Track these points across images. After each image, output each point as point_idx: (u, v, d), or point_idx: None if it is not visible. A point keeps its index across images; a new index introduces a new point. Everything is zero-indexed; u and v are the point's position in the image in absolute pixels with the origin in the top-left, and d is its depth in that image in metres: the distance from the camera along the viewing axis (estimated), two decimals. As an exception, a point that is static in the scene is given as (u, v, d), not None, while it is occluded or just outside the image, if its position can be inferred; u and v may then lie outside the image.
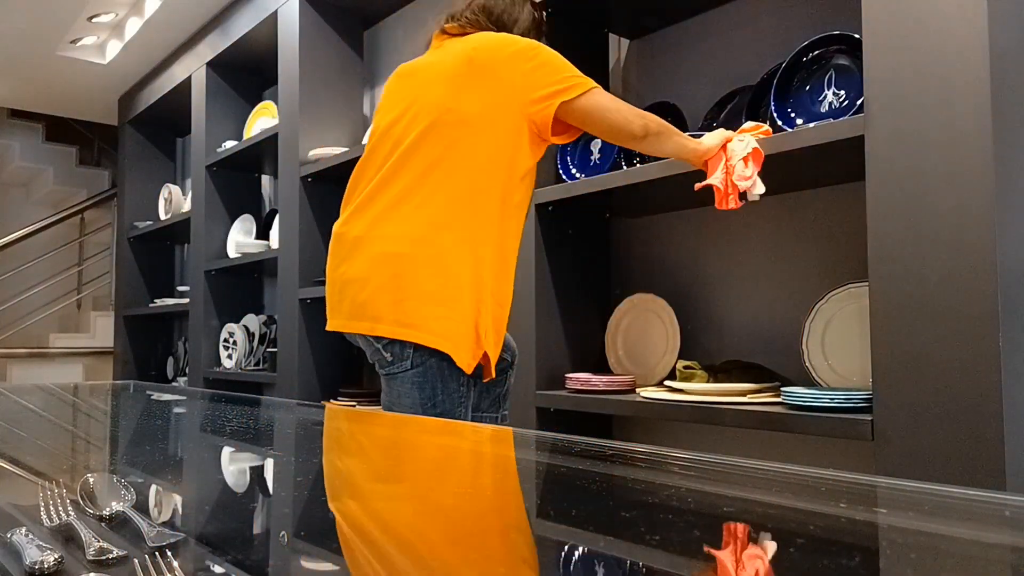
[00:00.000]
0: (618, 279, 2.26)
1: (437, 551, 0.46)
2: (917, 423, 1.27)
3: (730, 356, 1.99)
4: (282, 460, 0.81)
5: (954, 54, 1.26)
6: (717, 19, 2.08)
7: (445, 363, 1.44)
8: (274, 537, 0.49)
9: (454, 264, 1.43)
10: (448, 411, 1.48)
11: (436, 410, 1.46)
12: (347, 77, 3.21)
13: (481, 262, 1.45)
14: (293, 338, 3.02)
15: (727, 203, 1.52)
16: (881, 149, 1.34)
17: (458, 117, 1.44)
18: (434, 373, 1.44)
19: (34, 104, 5.01)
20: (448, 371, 1.45)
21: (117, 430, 1.12)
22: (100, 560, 0.43)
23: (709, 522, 0.51)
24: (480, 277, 1.45)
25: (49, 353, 5.18)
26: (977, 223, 1.22)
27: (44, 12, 3.64)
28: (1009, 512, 0.53)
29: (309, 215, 3.06)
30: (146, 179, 4.73)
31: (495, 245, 1.48)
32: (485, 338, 1.46)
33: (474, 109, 1.44)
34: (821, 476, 0.64)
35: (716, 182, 1.52)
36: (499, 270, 1.50)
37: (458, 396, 1.47)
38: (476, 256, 1.45)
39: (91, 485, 0.63)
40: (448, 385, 1.45)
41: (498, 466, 0.79)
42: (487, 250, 1.46)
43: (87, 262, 5.87)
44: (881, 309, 1.33)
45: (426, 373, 1.44)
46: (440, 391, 1.45)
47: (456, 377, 1.46)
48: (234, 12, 3.57)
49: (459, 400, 1.48)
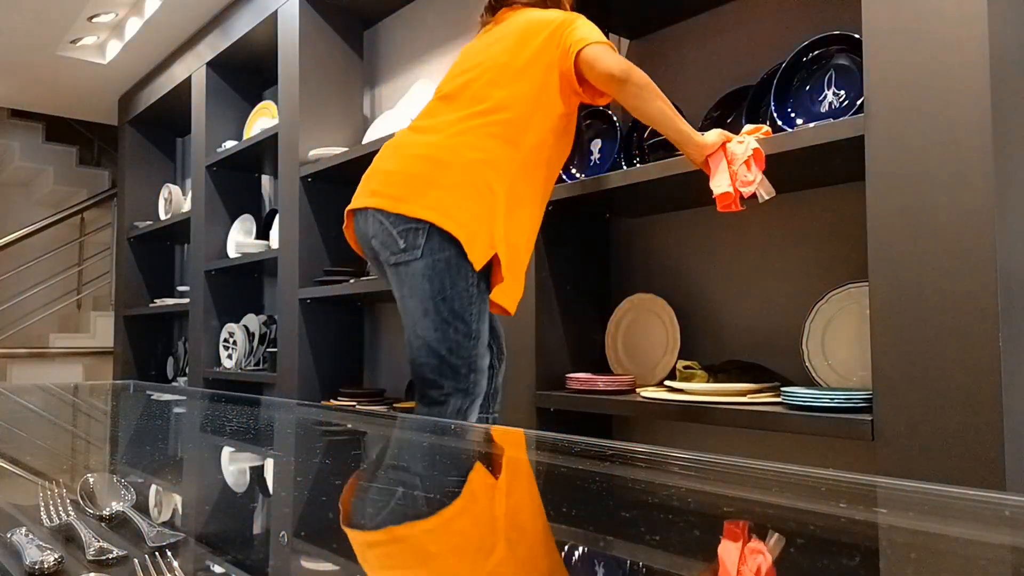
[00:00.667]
0: (618, 279, 2.26)
1: (437, 551, 0.46)
2: (917, 423, 1.27)
3: (730, 356, 1.99)
4: (282, 460, 0.81)
5: (954, 54, 1.26)
6: (717, 19, 2.08)
7: (455, 258, 1.51)
8: (274, 537, 0.49)
9: (478, 177, 1.55)
10: (460, 310, 1.53)
11: (447, 305, 1.52)
12: (347, 77, 3.21)
13: (500, 191, 1.56)
14: (293, 338, 3.02)
15: (731, 207, 1.52)
16: (881, 149, 1.34)
17: (510, 69, 1.62)
18: (443, 267, 1.51)
19: (34, 104, 5.01)
20: (458, 266, 1.51)
21: (117, 430, 1.12)
22: (100, 560, 0.43)
23: (709, 522, 0.51)
24: (495, 200, 1.55)
25: (49, 353, 5.18)
26: (977, 223, 1.22)
27: (44, 12, 3.64)
28: (1009, 512, 0.53)
29: (309, 215, 3.06)
30: (146, 179, 4.73)
31: (516, 182, 1.59)
32: (498, 241, 1.54)
33: (520, 63, 1.61)
34: (821, 476, 0.64)
35: (724, 189, 1.52)
36: (514, 206, 1.60)
37: (467, 296, 1.53)
38: (499, 182, 1.56)
39: (91, 485, 0.63)
40: (457, 282, 1.52)
41: (498, 466, 0.79)
42: (507, 183, 1.58)
43: (87, 262, 5.87)
44: (881, 309, 1.33)
45: (435, 266, 1.51)
46: (449, 286, 1.51)
47: (465, 275, 1.52)
48: (234, 12, 3.57)
49: (469, 300, 1.53)
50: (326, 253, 3.10)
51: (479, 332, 1.58)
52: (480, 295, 1.57)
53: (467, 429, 1.07)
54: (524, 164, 1.62)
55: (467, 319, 1.55)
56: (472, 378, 1.60)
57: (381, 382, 3.18)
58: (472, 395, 1.60)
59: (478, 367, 1.60)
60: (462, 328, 1.55)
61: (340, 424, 1.17)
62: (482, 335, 1.59)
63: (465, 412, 1.61)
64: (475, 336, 1.58)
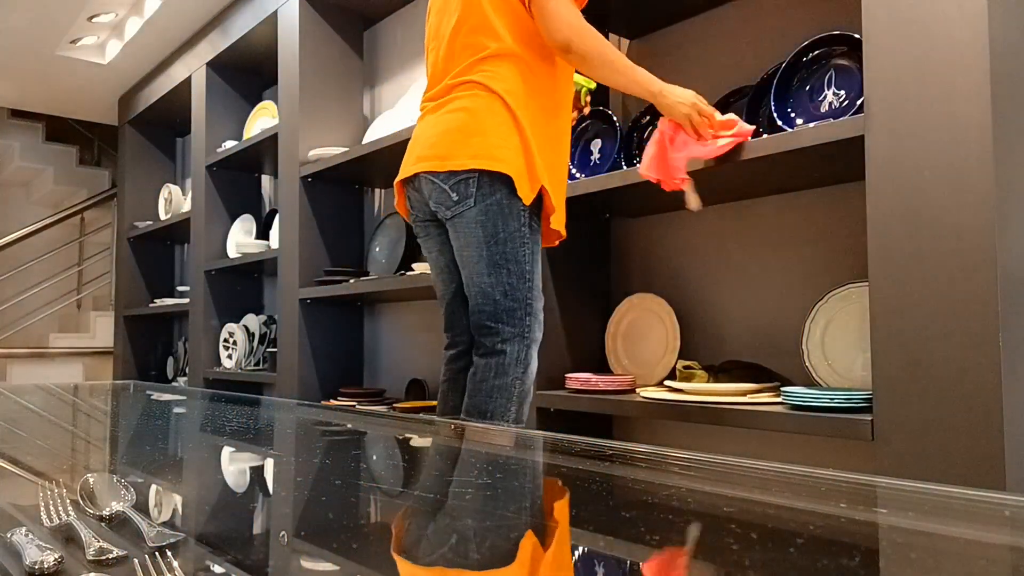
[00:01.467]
0: (618, 279, 2.26)
1: (434, 551, 0.46)
2: (917, 423, 1.27)
3: (730, 356, 1.99)
4: (282, 460, 0.81)
5: (954, 54, 1.26)
6: (717, 19, 2.08)
7: (506, 199, 1.55)
8: (274, 537, 0.49)
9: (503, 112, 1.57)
10: (512, 251, 1.57)
11: (499, 248, 1.56)
12: (347, 77, 3.21)
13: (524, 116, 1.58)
14: (293, 338, 3.02)
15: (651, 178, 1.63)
16: (881, 149, 1.34)
17: (479, 11, 1.62)
18: (495, 211, 1.55)
19: (34, 104, 5.01)
20: (509, 207, 1.55)
21: (117, 430, 1.12)
22: (100, 560, 0.43)
23: (709, 522, 0.51)
24: (523, 128, 1.57)
25: (49, 353, 5.18)
26: (977, 223, 1.22)
27: (44, 12, 3.64)
28: (1009, 512, 0.53)
29: (309, 215, 3.06)
30: (146, 179, 4.73)
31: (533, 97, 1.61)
32: (541, 171, 1.57)
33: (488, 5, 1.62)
34: (821, 476, 0.64)
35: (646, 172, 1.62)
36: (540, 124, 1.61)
37: (520, 236, 1.57)
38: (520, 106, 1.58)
39: (91, 485, 0.63)
40: (509, 223, 1.56)
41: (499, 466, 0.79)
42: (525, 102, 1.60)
43: (87, 262, 5.87)
44: (881, 309, 1.33)
45: (487, 211, 1.55)
46: (501, 228, 1.55)
47: (517, 215, 1.56)
48: (234, 12, 3.57)
49: (521, 240, 1.57)
50: (326, 253, 3.10)
51: (532, 274, 1.60)
52: (532, 235, 1.59)
53: (467, 430, 1.07)
54: (534, 74, 1.62)
55: (520, 260, 1.58)
56: (528, 321, 1.60)
57: (381, 382, 3.18)
58: (528, 340, 1.60)
59: (534, 310, 1.61)
60: (515, 270, 1.58)
61: (340, 424, 1.17)
62: (535, 277, 1.61)
63: (525, 361, 1.60)
64: (528, 278, 1.60)
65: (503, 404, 1.59)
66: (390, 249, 3.07)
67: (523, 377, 1.60)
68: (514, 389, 1.59)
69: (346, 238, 3.17)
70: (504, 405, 1.59)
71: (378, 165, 2.84)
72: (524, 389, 1.60)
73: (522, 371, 1.60)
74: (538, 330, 1.62)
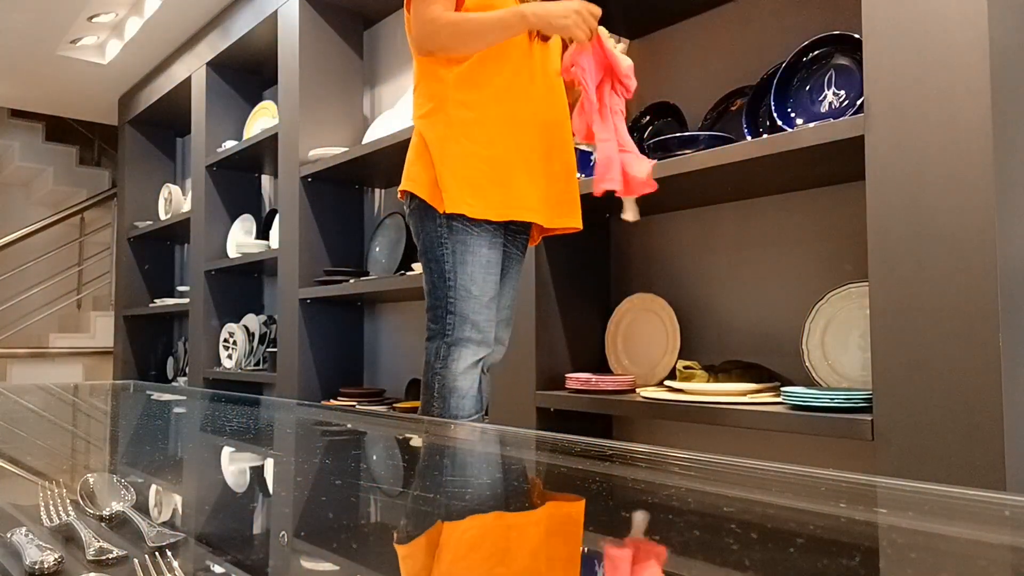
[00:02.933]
0: (618, 279, 2.26)
1: (434, 551, 0.46)
2: (917, 423, 1.27)
3: (730, 356, 1.99)
4: (282, 460, 0.81)
5: (954, 54, 1.26)
6: (717, 19, 2.08)
7: (423, 205, 1.64)
8: (274, 537, 0.49)
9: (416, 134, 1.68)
10: (428, 250, 1.64)
11: (423, 247, 1.65)
12: (347, 77, 3.21)
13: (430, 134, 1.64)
14: (293, 338, 3.02)
15: None
16: (881, 149, 1.34)
17: None
18: (418, 215, 1.66)
19: (34, 104, 5.00)
20: (426, 211, 1.63)
21: (117, 430, 1.12)
22: (100, 560, 0.43)
23: (709, 522, 0.51)
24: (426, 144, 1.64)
25: (49, 353, 5.18)
26: (977, 223, 1.22)
27: (44, 12, 3.64)
28: (1009, 512, 0.53)
29: (309, 215, 3.06)
30: (146, 179, 4.73)
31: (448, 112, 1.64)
32: (443, 181, 1.62)
33: None
34: (821, 476, 0.64)
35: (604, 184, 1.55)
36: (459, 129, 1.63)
37: (436, 236, 1.62)
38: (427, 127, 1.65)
39: (91, 485, 0.63)
40: (426, 224, 1.64)
41: (499, 466, 0.79)
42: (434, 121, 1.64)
43: (87, 262, 5.87)
44: (881, 309, 1.33)
45: (412, 216, 1.68)
46: (421, 229, 1.65)
47: (433, 216, 1.62)
48: (234, 12, 3.57)
49: (439, 240, 1.62)
50: (326, 253, 3.10)
51: (455, 275, 1.61)
52: (453, 234, 1.61)
53: (467, 429, 1.07)
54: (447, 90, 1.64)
55: (439, 259, 1.62)
56: (448, 320, 1.61)
57: (381, 382, 3.18)
58: (449, 340, 1.61)
59: (457, 309, 1.61)
60: (435, 269, 1.63)
61: (340, 424, 1.17)
62: (459, 277, 1.61)
63: (444, 358, 1.61)
64: (450, 278, 1.61)
65: (427, 399, 1.62)
66: (390, 249, 3.07)
67: (443, 372, 1.60)
68: (435, 384, 1.61)
69: (346, 238, 3.17)
70: (428, 400, 1.62)
71: (378, 165, 2.84)
72: (445, 384, 1.60)
73: (440, 367, 1.61)
74: (468, 330, 1.61)
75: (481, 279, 1.61)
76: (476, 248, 1.61)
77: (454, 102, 1.62)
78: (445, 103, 1.63)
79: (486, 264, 1.62)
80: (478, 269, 1.61)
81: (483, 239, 1.62)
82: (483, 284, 1.62)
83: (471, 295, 1.61)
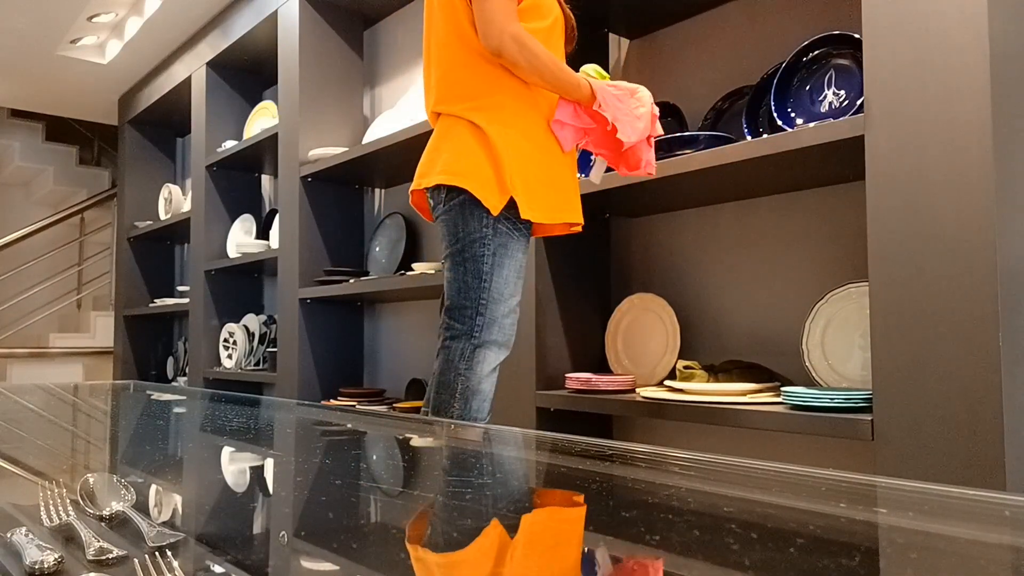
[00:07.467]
0: (618, 279, 2.26)
1: (433, 550, 0.46)
2: (917, 423, 1.27)
3: (730, 356, 1.99)
4: (282, 460, 0.81)
5: (954, 54, 1.26)
6: (717, 19, 2.08)
7: (468, 202, 1.58)
8: (274, 537, 0.49)
9: (466, 126, 1.61)
10: (467, 248, 1.59)
11: (456, 246, 1.60)
12: (347, 77, 3.21)
13: (490, 126, 1.59)
14: (293, 338, 3.02)
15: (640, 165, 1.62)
16: (881, 149, 1.34)
17: (437, 8, 1.67)
18: (456, 212, 1.59)
19: (34, 104, 5.00)
20: (471, 209, 1.58)
21: (117, 430, 1.12)
22: (100, 560, 0.43)
23: (709, 522, 0.51)
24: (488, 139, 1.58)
25: (49, 353, 5.18)
26: (977, 223, 1.22)
27: (44, 12, 3.64)
28: (1009, 512, 0.53)
29: (309, 215, 3.06)
30: (146, 179, 4.73)
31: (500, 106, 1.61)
32: (512, 182, 1.57)
33: (448, 24, 1.65)
34: (821, 476, 0.64)
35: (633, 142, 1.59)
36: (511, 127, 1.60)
37: (479, 236, 1.58)
38: (484, 119, 1.60)
39: (91, 485, 0.63)
40: (469, 223, 1.58)
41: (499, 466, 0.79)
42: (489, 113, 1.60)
43: (87, 262, 5.87)
44: (881, 309, 1.33)
45: (450, 211, 1.60)
46: (462, 228, 1.59)
47: (479, 217, 1.57)
48: (234, 12, 3.57)
49: (482, 241, 1.58)
50: (326, 253, 3.10)
51: (491, 276, 1.59)
52: (497, 236, 1.58)
53: (465, 430, 1.07)
54: (498, 86, 1.61)
55: (477, 258, 1.58)
56: (478, 321, 1.59)
57: (381, 382, 3.18)
58: (476, 340, 1.59)
59: (487, 311, 1.59)
60: (471, 268, 1.59)
61: (340, 424, 1.17)
62: (496, 280, 1.59)
63: (469, 358, 1.59)
64: (485, 279, 1.59)
65: (446, 400, 1.60)
66: (390, 249, 3.07)
67: (467, 375, 1.59)
68: (457, 386, 1.59)
69: (346, 238, 3.17)
70: (447, 401, 1.60)
71: (378, 165, 2.85)
72: (469, 387, 1.59)
73: (465, 368, 1.59)
74: (495, 333, 1.60)
75: (514, 283, 1.61)
76: (514, 252, 1.60)
77: (512, 94, 1.60)
78: (503, 95, 1.60)
79: (519, 269, 1.62)
80: (512, 273, 1.61)
81: (521, 243, 1.61)
82: (515, 288, 1.62)
83: (503, 298, 1.60)
